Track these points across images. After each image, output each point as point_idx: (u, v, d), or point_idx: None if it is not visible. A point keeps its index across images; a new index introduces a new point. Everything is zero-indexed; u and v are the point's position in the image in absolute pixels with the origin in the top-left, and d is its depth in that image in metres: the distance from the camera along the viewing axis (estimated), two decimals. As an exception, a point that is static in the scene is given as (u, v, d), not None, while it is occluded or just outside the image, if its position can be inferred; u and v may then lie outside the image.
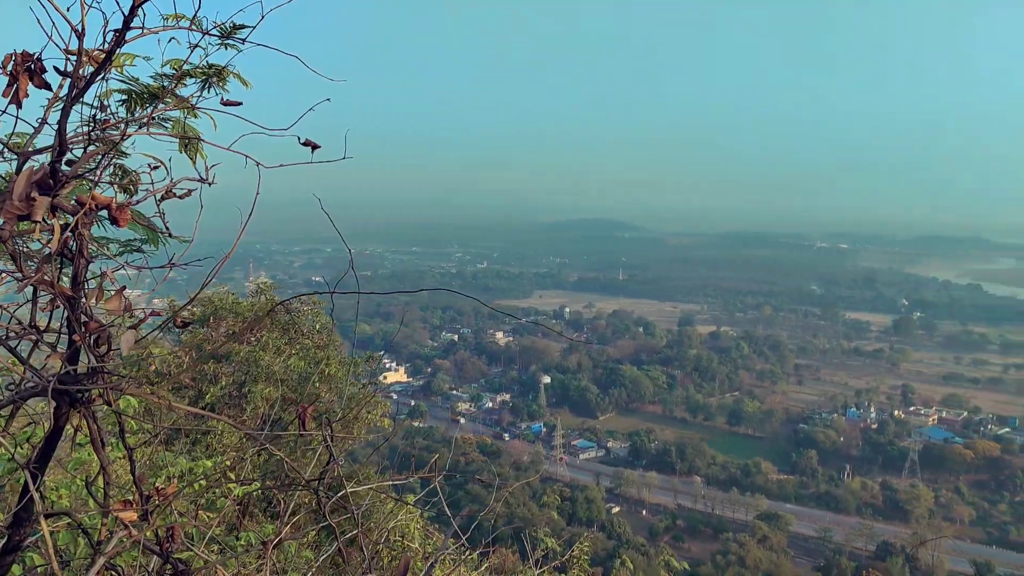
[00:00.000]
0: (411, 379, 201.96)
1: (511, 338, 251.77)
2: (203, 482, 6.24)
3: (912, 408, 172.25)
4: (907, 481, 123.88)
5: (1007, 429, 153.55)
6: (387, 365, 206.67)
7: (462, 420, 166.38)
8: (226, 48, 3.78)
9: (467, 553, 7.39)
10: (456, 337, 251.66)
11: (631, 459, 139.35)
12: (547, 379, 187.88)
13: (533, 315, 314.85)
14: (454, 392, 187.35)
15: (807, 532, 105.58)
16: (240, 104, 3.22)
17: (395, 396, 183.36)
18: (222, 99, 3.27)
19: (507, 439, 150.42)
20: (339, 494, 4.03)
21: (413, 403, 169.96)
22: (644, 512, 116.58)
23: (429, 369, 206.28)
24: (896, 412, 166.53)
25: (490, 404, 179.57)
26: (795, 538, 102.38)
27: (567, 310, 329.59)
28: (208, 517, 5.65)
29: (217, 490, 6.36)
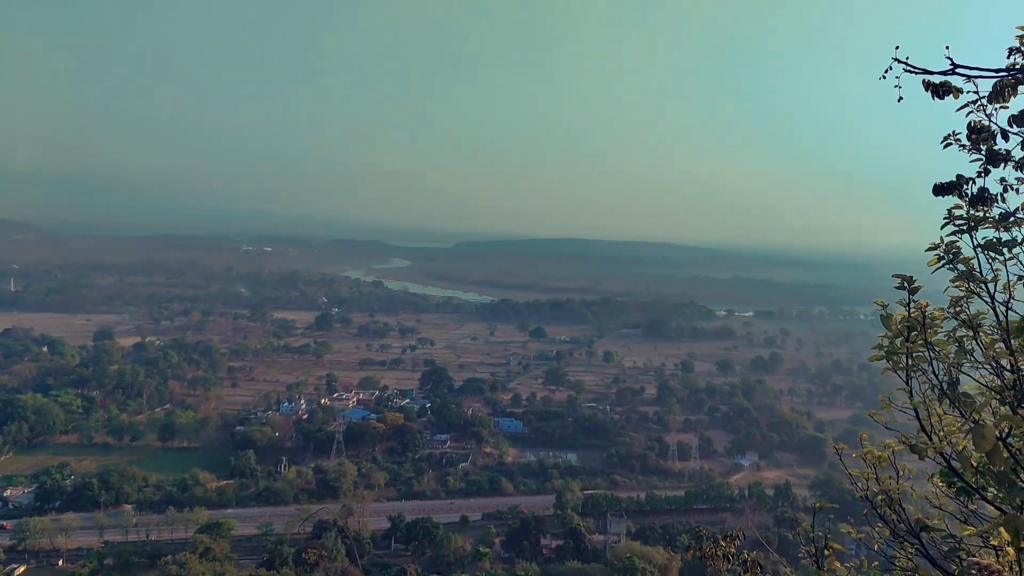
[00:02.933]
0: None
1: None
2: None
3: (336, 395, 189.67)
4: (335, 461, 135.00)
5: (407, 400, 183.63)
6: None
7: None
8: None
9: None
10: None
11: (40, 504, 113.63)
12: None
13: None
14: None
15: (250, 532, 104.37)
16: None
17: None
18: None
19: None
20: None
21: None
22: (61, 562, 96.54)
23: None
24: (323, 400, 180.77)
25: None
26: (239, 541, 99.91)
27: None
28: None
29: None
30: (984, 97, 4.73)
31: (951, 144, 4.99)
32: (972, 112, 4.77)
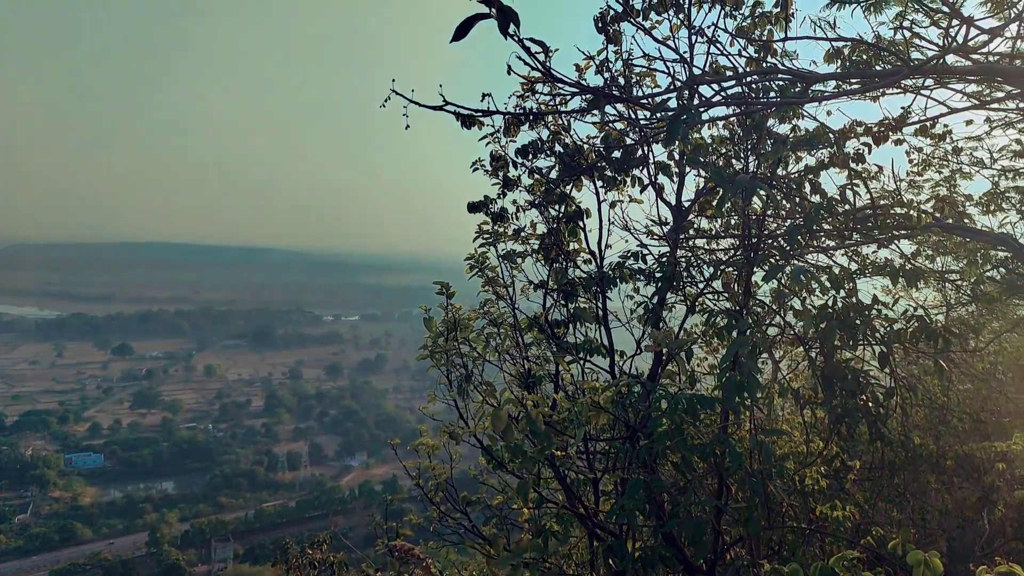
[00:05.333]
0: None
1: None
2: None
3: None
4: None
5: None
6: None
7: None
8: None
9: None
10: None
11: None
12: None
13: None
14: None
15: None
16: None
17: None
18: None
19: None
20: None
21: None
22: None
23: None
24: None
25: None
26: None
27: None
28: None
29: None
30: (499, 131, 5.67)
31: (478, 169, 5.85)
32: (490, 143, 5.68)
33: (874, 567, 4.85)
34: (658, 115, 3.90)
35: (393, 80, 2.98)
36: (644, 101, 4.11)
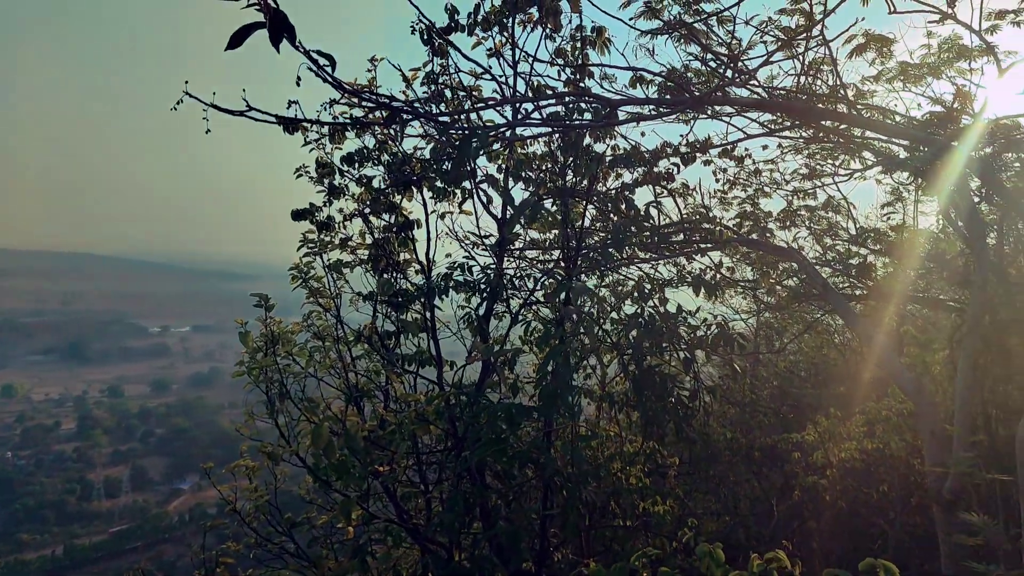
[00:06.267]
0: None
1: None
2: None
3: None
4: None
5: None
6: None
7: None
8: None
9: None
10: None
11: None
12: None
13: None
14: None
15: None
16: None
17: None
18: None
19: None
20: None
21: None
22: None
23: None
24: None
25: None
26: None
27: None
28: None
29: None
30: (325, 137, 5.51)
31: (302, 175, 5.64)
32: (314, 149, 5.51)
33: (690, 555, 5.22)
34: (450, 133, 3.99)
35: (186, 82, 2.78)
36: (445, 118, 4.15)
